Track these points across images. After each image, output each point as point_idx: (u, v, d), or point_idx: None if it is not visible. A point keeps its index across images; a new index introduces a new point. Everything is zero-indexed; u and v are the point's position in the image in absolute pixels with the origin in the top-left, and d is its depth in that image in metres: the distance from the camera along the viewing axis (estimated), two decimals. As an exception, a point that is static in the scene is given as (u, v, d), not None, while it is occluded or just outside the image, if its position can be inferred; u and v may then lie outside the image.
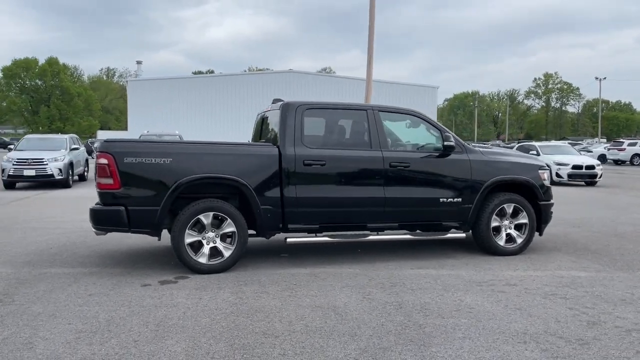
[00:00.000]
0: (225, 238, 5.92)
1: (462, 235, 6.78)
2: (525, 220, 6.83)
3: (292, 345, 3.82)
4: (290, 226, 6.16)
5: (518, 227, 6.87)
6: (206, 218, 5.81)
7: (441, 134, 6.63)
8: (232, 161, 5.97)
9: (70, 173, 16.54)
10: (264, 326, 4.20)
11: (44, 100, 73.53)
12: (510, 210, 6.79)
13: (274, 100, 6.91)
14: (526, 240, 6.85)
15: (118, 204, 5.64)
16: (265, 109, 7.20)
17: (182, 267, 5.87)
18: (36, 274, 5.73)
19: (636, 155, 34.22)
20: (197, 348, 3.75)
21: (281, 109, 6.33)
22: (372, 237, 6.49)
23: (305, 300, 4.87)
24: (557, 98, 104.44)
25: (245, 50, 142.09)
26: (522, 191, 6.95)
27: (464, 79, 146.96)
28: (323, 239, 6.29)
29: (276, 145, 6.18)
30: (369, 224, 6.42)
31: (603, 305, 4.79)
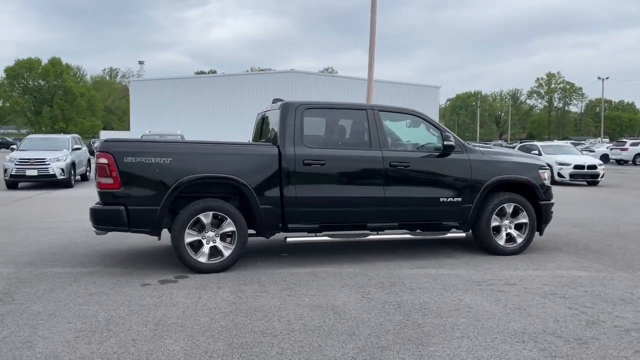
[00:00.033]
0: (225, 237, 5.93)
1: (462, 234, 6.78)
2: (525, 220, 6.82)
3: (290, 344, 3.83)
4: (290, 226, 6.16)
5: (518, 227, 6.86)
6: (206, 217, 5.82)
7: (441, 134, 6.62)
8: (232, 161, 5.98)
9: (73, 173, 16.59)
10: (262, 325, 4.21)
11: (46, 101, 73.78)
12: (511, 210, 6.78)
13: (274, 100, 6.92)
14: (526, 240, 6.85)
15: (118, 203, 5.65)
16: (265, 109, 7.21)
17: (182, 266, 5.88)
18: (37, 274, 5.75)
19: (639, 155, 34.09)
20: (196, 347, 3.76)
21: (281, 108, 6.33)
22: (372, 237, 6.49)
23: (305, 300, 4.87)
24: (559, 98, 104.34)
25: (248, 50, 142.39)
26: (523, 191, 6.94)
27: (466, 79, 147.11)
28: (323, 238, 6.29)
29: (276, 145, 6.19)
30: (369, 224, 6.42)
31: (602, 304, 4.78)
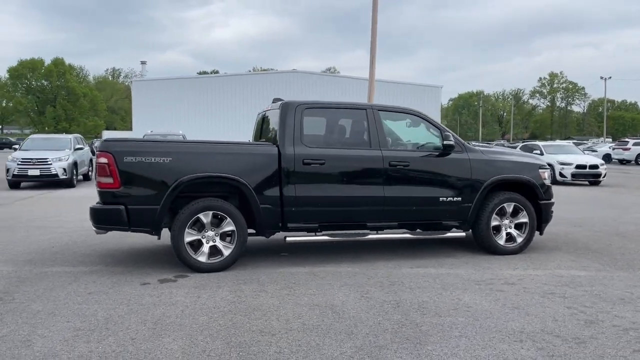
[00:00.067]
0: (224, 237, 5.94)
1: (461, 234, 6.77)
2: (525, 220, 6.82)
3: (288, 343, 3.84)
4: (289, 225, 6.17)
5: (518, 226, 6.86)
6: (206, 217, 5.83)
7: (441, 133, 6.62)
8: (231, 160, 5.99)
9: (75, 173, 16.62)
10: (261, 324, 4.21)
11: (50, 101, 73.99)
12: (511, 210, 6.78)
13: (274, 99, 6.93)
14: (526, 239, 6.84)
15: (118, 202, 5.67)
16: (265, 109, 7.22)
17: (182, 265, 5.89)
18: (37, 273, 5.77)
19: (641, 155, 33.99)
20: (194, 346, 3.77)
21: (281, 108, 6.34)
22: (372, 236, 6.50)
23: (304, 299, 4.88)
24: (562, 98, 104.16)
25: (250, 50, 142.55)
26: (523, 190, 6.93)
27: (468, 79, 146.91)
28: (322, 238, 6.30)
29: (276, 144, 6.19)
30: (369, 223, 6.42)
31: (601, 304, 4.77)
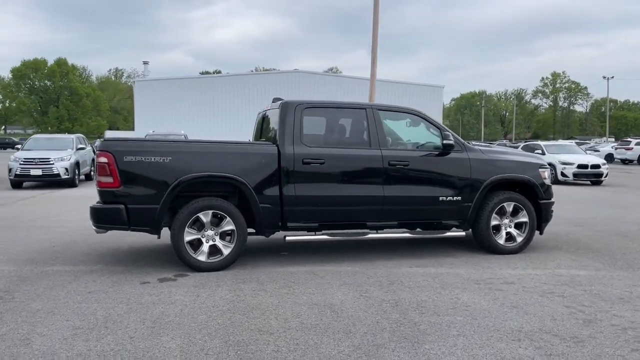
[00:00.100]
0: (224, 236, 5.95)
1: (461, 233, 6.77)
2: (525, 219, 6.81)
3: (286, 341, 3.85)
4: (289, 224, 6.18)
5: (518, 226, 6.85)
6: (205, 216, 5.84)
7: (440, 133, 6.62)
8: (231, 160, 6.00)
9: (77, 172, 16.67)
10: (259, 323, 4.22)
11: (52, 101, 74.19)
12: (510, 209, 6.77)
13: (274, 99, 6.94)
14: (526, 239, 6.83)
15: (118, 202, 5.68)
16: (265, 108, 7.23)
17: (182, 265, 5.91)
18: (38, 272, 5.79)
19: (644, 155, 33.89)
20: (192, 344, 3.78)
21: (280, 107, 6.35)
22: (372, 236, 6.50)
23: (303, 298, 4.89)
24: (564, 97, 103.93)
25: (252, 50, 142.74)
26: (523, 190, 6.94)
27: (470, 79, 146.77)
28: (322, 237, 6.31)
29: (275, 144, 6.20)
30: (368, 223, 6.43)
31: (600, 303, 4.77)
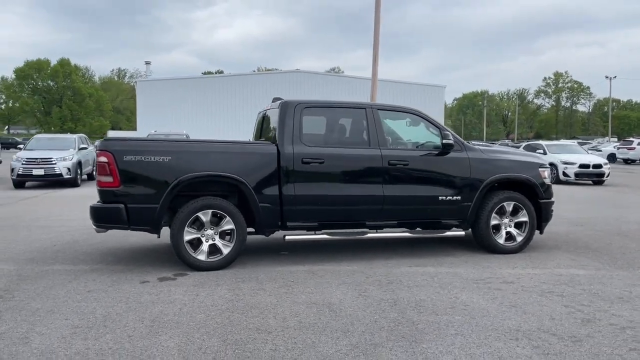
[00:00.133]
0: (224, 235, 5.96)
1: (461, 233, 6.77)
2: (525, 219, 6.81)
3: (284, 340, 3.85)
4: (289, 224, 6.19)
5: (518, 225, 6.85)
6: (205, 216, 5.85)
7: (440, 132, 6.62)
8: (231, 159, 6.01)
9: (79, 172, 16.72)
10: (258, 322, 4.23)
11: (56, 101, 74.37)
12: (510, 209, 6.77)
13: (274, 99, 6.95)
14: (526, 238, 6.83)
15: (118, 201, 5.70)
16: (265, 108, 7.24)
17: (182, 264, 5.92)
18: (38, 271, 5.81)
19: (646, 154, 33.80)
20: (190, 343, 3.79)
21: (280, 107, 6.36)
22: (371, 235, 6.51)
23: (301, 297, 4.90)
24: (567, 97, 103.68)
25: (254, 50, 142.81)
26: (523, 189, 6.92)
27: (473, 78, 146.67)
28: (322, 236, 6.31)
29: (275, 143, 6.21)
30: (368, 222, 6.43)
31: (599, 303, 4.77)
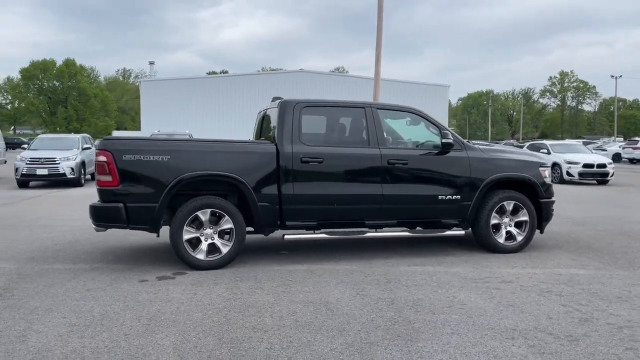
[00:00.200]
0: (223, 235, 5.97)
1: (461, 232, 6.75)
2: (525, 218, 6.78)
3: (279, 339, 3.86)
4: (288, 223, 6.19)
5: (518, 225, 6.83)
6: (204, 215, 5.86)
7: (440, 132, 6.61)
8: (230, 159, 6.02)
9: (82, 172, 16.81)
10: (254, 321, 4.24)
11: (61, 101, 74.64)
12: (510, 208, 6.75)
13: (274, 98, 6.95)
14: (526, 238, 6.80)
15: (117, 200, 5.72)
16: (265, 107, 7.25)
17: (181, 263, 5.93)
18: (38, 270, 5.84)
19: (652, 154, 33.64)
20: (186, 342, 3.80)
21: (279, 106, 6.36)
22: (370, 234, 6.50)
23: (299, 296, 4.90)
24: (572, 97, 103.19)
25: (259, 50, 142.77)
26: (523, 189, 6.90)
27: (478, 78, 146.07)
28: (321, 235, 6.32)
29: (274, 142, 6.21)
30: (367, 221, 6.42)
31: (598, 302, 4.74)
